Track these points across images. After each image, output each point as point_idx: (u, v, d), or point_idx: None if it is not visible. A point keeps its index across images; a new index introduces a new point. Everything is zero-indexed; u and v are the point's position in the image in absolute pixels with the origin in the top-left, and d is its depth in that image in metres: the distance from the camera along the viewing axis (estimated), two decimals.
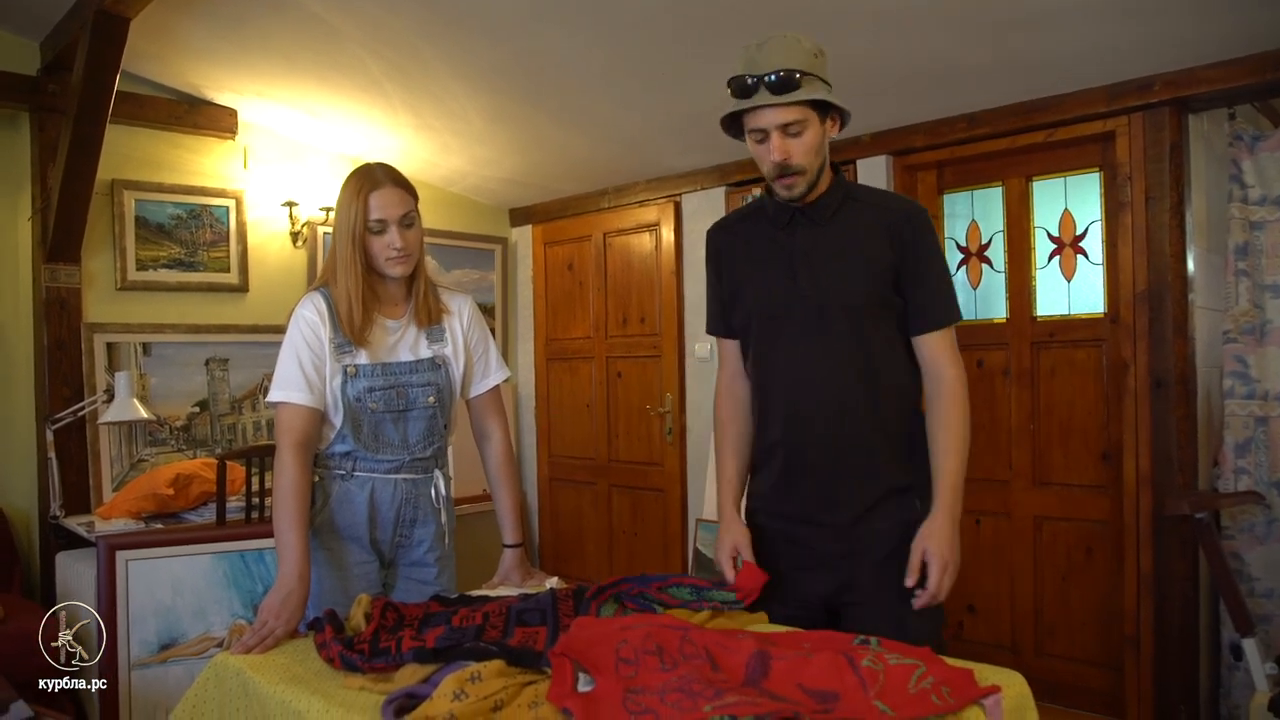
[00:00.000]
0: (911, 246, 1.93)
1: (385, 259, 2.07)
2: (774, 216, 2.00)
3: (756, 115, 1.86)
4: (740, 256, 2.06)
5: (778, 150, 1.85)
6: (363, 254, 2.06)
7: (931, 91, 3.54)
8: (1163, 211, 3.27)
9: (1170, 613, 3.26)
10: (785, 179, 1.88)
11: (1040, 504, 3.70)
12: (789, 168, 1.87)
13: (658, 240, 4.82)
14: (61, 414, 3.81)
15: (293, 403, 2.02)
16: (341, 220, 2.06)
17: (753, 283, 2.03)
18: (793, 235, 1.97)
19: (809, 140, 1.85)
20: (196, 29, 3.59)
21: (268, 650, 1.78)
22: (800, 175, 1.88)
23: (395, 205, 2.05)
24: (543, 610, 1.79)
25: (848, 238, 1.94)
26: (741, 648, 1.56)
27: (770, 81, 1.81)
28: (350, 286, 2.05)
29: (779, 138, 1.85)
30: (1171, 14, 2.84)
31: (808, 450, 1.96)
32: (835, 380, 1.93)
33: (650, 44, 3.37)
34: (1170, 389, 3.26)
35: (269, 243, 4.57)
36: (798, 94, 1.81)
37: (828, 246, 1.94)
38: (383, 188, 2.04)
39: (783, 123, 1.84)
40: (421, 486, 2.17)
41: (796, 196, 1.91)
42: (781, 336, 1.98)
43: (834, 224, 1.95)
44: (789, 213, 1.97)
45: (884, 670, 1.49)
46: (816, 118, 1.87)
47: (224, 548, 3.31)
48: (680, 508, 4.75)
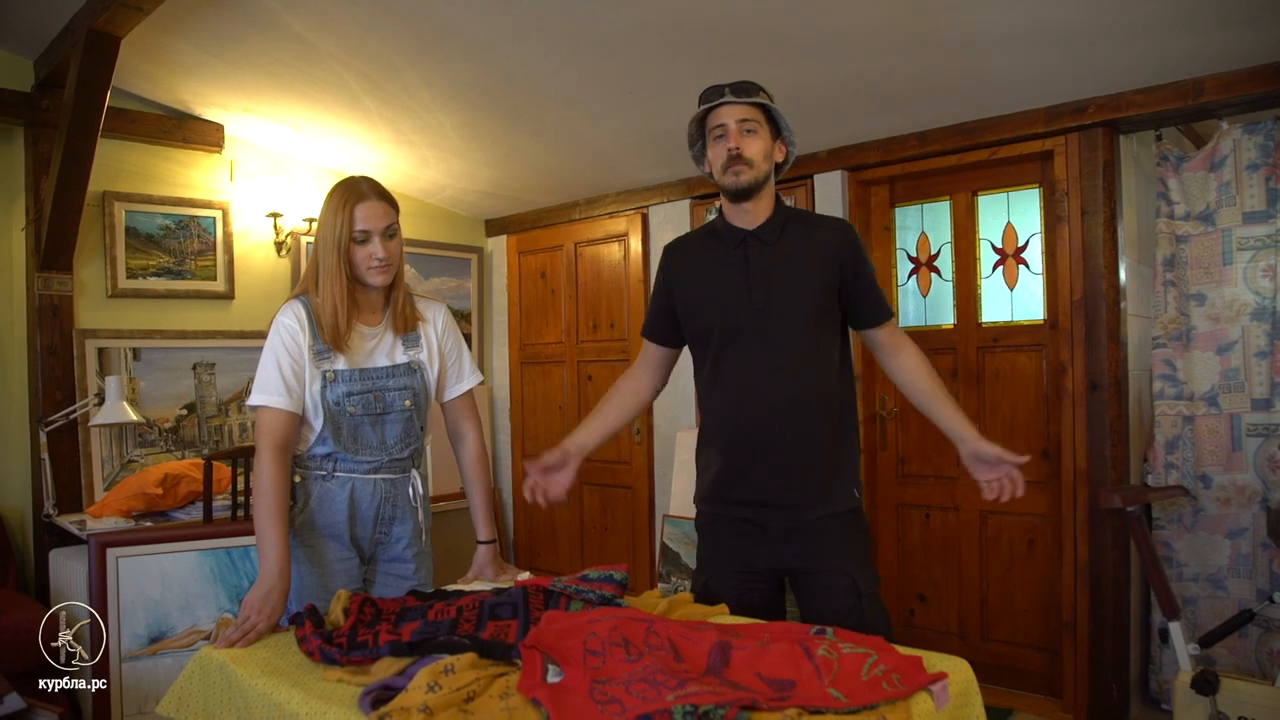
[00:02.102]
0: (852, 261, 2.12)
1: (368, 268, 2.05)
2: (726, 238, 2.15)
3: (718, 113, 2.07)
4: (695, 274, 2.18)
5: (732, 139, 2.04)
6: (347, 263, 2.04)
7: (885, 111, 3.56)
8: (1097, 225, 3.31)
9: (1104, 599, 3.30)
10: (735, 166, 2.05)
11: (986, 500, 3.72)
12: (740, 157, 2.04)
13: (626, 250, 4.82)
14: (54, 416, 3.75)
15: (272, 407, 2.00)
16: (326, 231, 2.04)
17: (710, 297, 2.14)
18: (745, 254, 2.11)
19: (759, 143, 2.06)
20: (185, 48, 3.55)
21: (250, 644, 1.76)
22: (748, 167, 2.05)
23: (379, 217, 2.04)
24: (514, 604, 1.78)
25: (795, 256, 2.10)
26: (704, 638, 1.56)
27: (732, 87, 2.06)
28: (336, 294, 2.04)
29: (736, 131, 2.05)
30: (1104, 41, 2.88)
31: (765, 442, 2.07)
32: (788, 380, 2.05)
33: (621, 63, 3.36)
34: (1104, 391, 3.30)
35: (254, 252, 4.52)
36: (753, 98, 2.05)
37: (778, 264, 2.09)
38: (367, 200, 2.03)
39: (740, 118, 2.05)
40: (399, 486, 2.16)
41: (743, 185, 2.06)
42: (738, 344, 2.09)
43: (781, 244, 2.11)
44: (740, 235, 2.12)
45: (838, 659, 1.49)
46: (768, 131, 2.08)
47: (210, 544, 3.27)
48: (648, 503, 4.74)
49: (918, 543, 3.93)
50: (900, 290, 4.02)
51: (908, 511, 3.96)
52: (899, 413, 3.95)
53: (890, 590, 3.94)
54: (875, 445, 4.00)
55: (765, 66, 3.24)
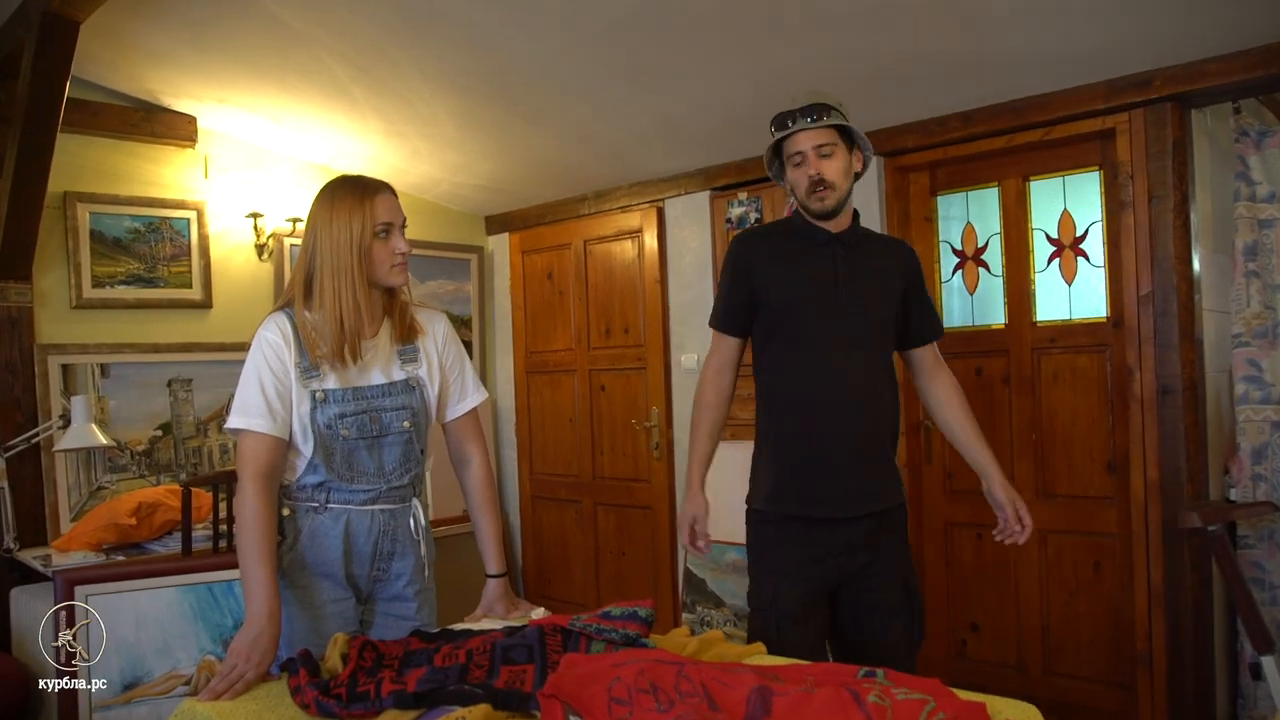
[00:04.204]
0: (915, 276, 2.50)
1: (391, 266, 2.08)
2: (811, 235, 2.41)
3: (794, 140, 2.33)
4: (772, 263, 2.43)
5: (813, 167, 2.30)
6: (368, 264, 2.05)
7: (924, 89, 3.53)
8: (1166, 210, 3.27)
9: (1183, 627, 3.26)
10: (819, 191, 2.32)
11: (1044, 517, 3.69)
12: (823, 182, 2.30)
13: (640, 247, 4.80)
14: (14, 441, 3.75)
15: (254, 430, 1.98)
16: (339, 232, 2.02)
17: (797, 285, 2.39)
18: (832, 254, 2.38)
19: (838, 163, 2.33)
20: (152, 32, 3.55)
21: (238, 695, 1.74)
22: (831, 190, 2.32)
23: (397, 210, 2.12)
24: (529, 646, 1.76)
25: (872, 264, 2.43)
26: (741, 683, 1.54)
27: (805, 112, 2.30)
28: (361, 299, 2.04)
29: (814, 157, 2.31)
30: (1172, 7, 2.84)
31: (843, 438, 2.35)
32: (866, 383, 2.37)
33: (630, 45, 3.35)
34: (1178, 395, 3.26)
35: (233, 256, 4.52)
36: (828, 120, 2.30)
37: (860, 269, 2.40)
38: (383, 192, 2.10)
39: (816, 144, 2.30)
40: (399, 517, 2.14)
41: (828, 208, 2.34)
42: (820, 338, 2.36)
43: (859, 251, 2.42)
44: (826, 234, 2.39)
45: (891, 707, 1.46)
46: (844, 147, 2.34)
47: (190, 579, 3.26)
48: (669, 525, 4.71)
49: (969, 565, 3.89)
50: (944, 287, 3.99)
51: (957, 530, 3.93)
52: None
53: (939, 618, 3.90)
54: (920, 459, 3.97)
55: (788, 45, 3.23)
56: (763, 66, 3.38)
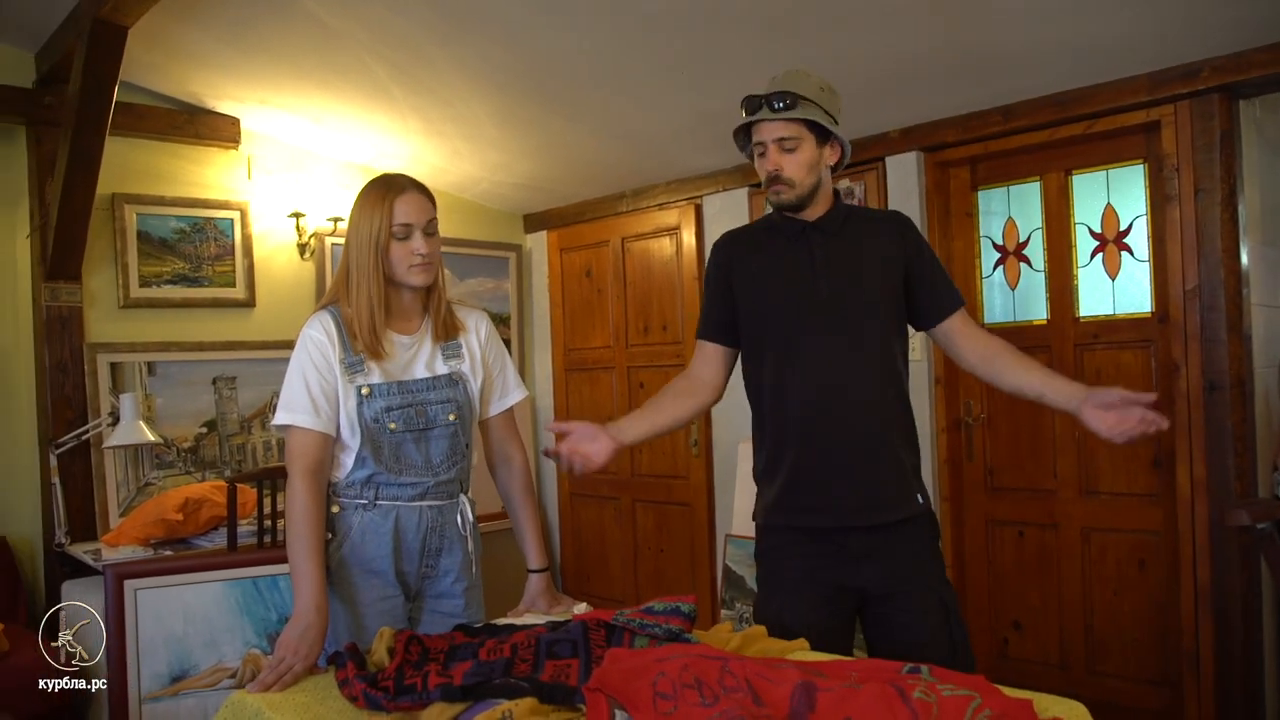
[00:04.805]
0: (915, 245, 2.25)
1: (409, 266, 2.08)
2: (786, 229, 2.25)
3: (759, 128, 2.18)
4: (756, 266, 2.27)
5: (771, 161, 2.16)
6: (385, 262, 2.07)
7: (964, 83, 3.50)
8: (1213, 204, 3.22)
9: (1231, 627, 3.21)
10: (775, 186, 2.17)
11: (1088, 514, 3.65)
12: (779, 178, 2.16)
13: (679, 244, 4.80)
14: (65, 438, 3.82)
15: (301, 426, 2.02)
16: (362, 228, 2.07)
17: (774, 289, 2.22)
18: (808, 245, 2.21)
19: (801, 157, 2.15)
20: (196, 36, 3.60)
21: (286, 688, 1.76)
22: (789, 187, 2.16)
23: (420, 211, 2.09)
24: (574, 641, 1.77)
25: (858, 246, 2.22)
26: (785, 679, 1.54)
27: (771, 100, 2.13)
28: (373, 295, 2.07)
29: (775, 151, 2.16)
30: None
31: (841, 443, 2.15)
32: (861, 376, 2.16)
33: (667, 40, 3.35)
34: (1225, 392, 3.21)
35: (276, 255, 4.58)
36: (793, 113, 2.13)
37: (842, 254, 2.21)
38: (408, 192, 2.09)
39: (778, 137, 2.15)
40: (447, 513, 2.16)
41: (785, 204, 2.19)
42: (805, 339, 2.18)
43: (842, 235, 2.23)
44: (800, 225, 2.22)
45: (937, 702, 1.46)
46: (813, 140, 2.17)
47: (236, 574, 3.30)
48: (708, 522, 4.72)
49: (1010, 564, 3.86)
50: (985, 283, 3.95)
51: (999, 529, 3.89)
52: (986, 419, 3.89)
53: (981, 617, 3.87)
54: (960, 455, 3.94)
55: (826, 38, 3.21)
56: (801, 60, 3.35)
